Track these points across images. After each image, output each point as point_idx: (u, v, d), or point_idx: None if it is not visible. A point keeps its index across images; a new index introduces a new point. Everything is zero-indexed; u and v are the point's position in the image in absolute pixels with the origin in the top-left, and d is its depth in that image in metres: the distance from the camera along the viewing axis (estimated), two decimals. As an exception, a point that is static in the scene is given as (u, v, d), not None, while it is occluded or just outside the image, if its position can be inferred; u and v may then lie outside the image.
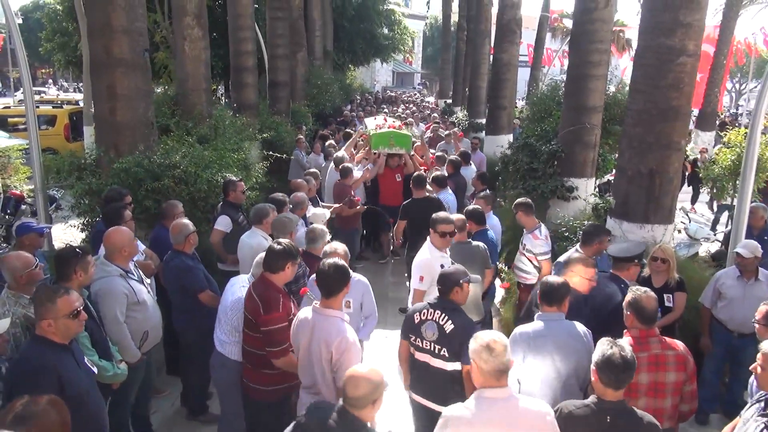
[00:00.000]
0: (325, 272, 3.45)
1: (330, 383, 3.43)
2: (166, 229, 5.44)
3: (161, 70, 15.48)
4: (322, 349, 3.38)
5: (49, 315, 3.07)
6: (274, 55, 14.50)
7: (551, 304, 3.71)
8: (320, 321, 3.44)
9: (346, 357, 3.32)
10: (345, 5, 24.95)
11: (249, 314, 3.81)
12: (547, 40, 28.59)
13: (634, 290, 3.65)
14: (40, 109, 17.14)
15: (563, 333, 3.65)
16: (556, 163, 8.84)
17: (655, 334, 3.56)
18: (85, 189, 6.27)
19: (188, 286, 4.72)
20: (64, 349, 3.16)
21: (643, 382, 3.46)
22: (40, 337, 3.11)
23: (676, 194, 6.40)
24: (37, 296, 3.16)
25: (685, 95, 6.02)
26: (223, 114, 9.74)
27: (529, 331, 3.68)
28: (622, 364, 2.86)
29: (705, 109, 19.48)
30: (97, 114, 6.93)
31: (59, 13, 20.48)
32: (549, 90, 11.65)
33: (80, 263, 3.77)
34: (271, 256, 3.83)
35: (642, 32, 6.27)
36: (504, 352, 2.84)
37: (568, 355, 3.58)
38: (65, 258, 3.77)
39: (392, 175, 9.19)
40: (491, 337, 2.89)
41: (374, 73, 46.23)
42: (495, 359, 2.82)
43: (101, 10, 6.46)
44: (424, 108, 24.13)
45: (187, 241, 4.78)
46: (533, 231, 6.11)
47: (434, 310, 3.88)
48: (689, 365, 3.52)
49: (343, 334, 3.37)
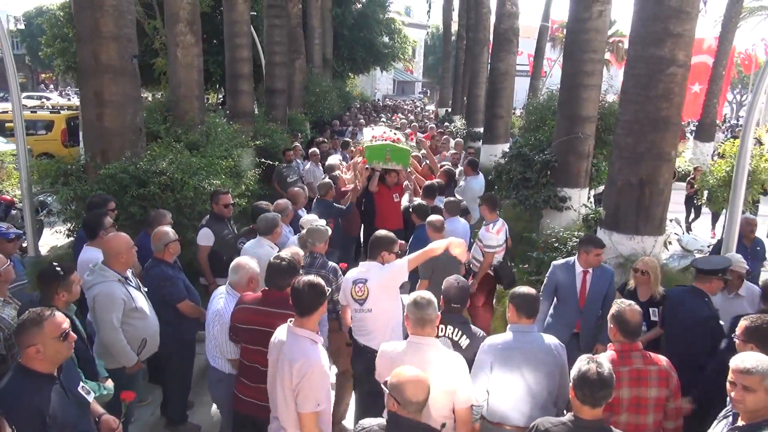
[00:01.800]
0: (299, 290, 3.21)
1: (292, 409, 3.14)
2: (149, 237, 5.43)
3: (160, 76, 15.50)
4: (285, 370, 3.12)
5: (37, 340, 2.79)
6: (271, 62, 14.50)
7: (530, 316, 3.65)
8: (290, 340, 3.20)
9: (306, 383, 3.04)
10: (345, 14, 25.02)
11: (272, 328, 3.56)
12: (548, 49, 28.61)
13: (619, 303, 3.60)
14: (38, 114, 17.24)
15: (532, 345, 3.58)
16: (550, 173, 8.79)
17: (638, 348, 3.49)
18: (70, 195, 6.23)
19: (167, 295, 4.63)
20: (50, 380, 2.88)
21: (624, 397, 3.39)
22: (23, 367, 2.83)
23: (667, 205, 6.34)
24: (21, 323, 2.85)
25: (676, 105, 5.98)
26: (215, 121, 9.71)
27: (498, 343, 3.61)
28: (598, 381, 2.77)
29: (704, 120, 19.45)
30: (85, 120, 6.93)
31: (60, 19, 20.56)
32: (545, 99, 11.62)
33: (62, 285, 3.63)
34: (278, 273, 3.73)
35: (632, 42, 6.23)
36: (427, 306, 3.31)
37: (537, 368, 3.50)
38: (46, 280, 3.65)
39: (389, 194, 8.08)
40: (419, 294, 3.37)
41: (375, 81, 46.37)
42: (419, 311, 3.30)
43: (90, 16, 6.45)
44: (423, 117, 24.06)
45: (166, 250, 4.67)
46: (488, 224, 6.34)
47: (445, 326, 3.76)
48: (672, 381, 3.45)
49: (306, 356, 3.09)
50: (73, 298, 3.75)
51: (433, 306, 3.34)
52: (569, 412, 2.94)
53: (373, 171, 8.00)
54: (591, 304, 4.99)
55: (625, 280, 6.03)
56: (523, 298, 3.67)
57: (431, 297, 3.37)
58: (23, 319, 2.86)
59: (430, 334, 3.34)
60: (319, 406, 3.08)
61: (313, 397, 3.06)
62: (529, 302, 3.66)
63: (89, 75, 6.63)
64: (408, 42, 31.22)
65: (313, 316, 3.24)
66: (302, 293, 3.20)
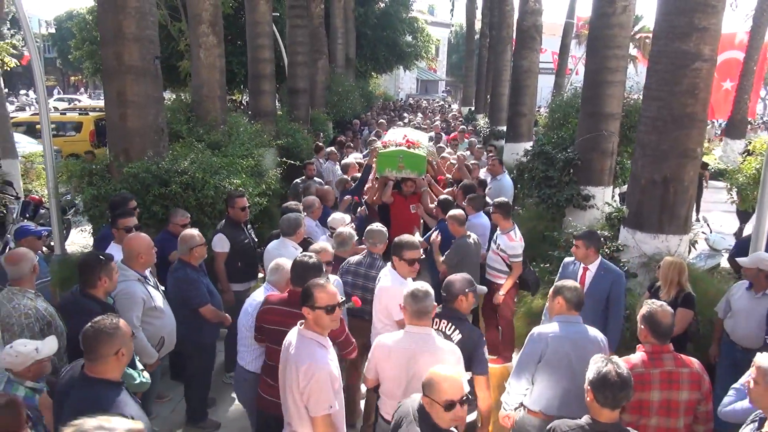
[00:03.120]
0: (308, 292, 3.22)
1: (302, 413, 3.14)
2: (169, 234, 5.51)
3: (186, 77, 15.70)
4: (293, 372, 3.13)
5: (123, 342, 2.80)
6: (293, 62, 14.58)
7: (578, 309, 3.75)
8: (299, 343, 3.20)
9: (314, 385, 3.04)
10: (367, 13, 25.06)
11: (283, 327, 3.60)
12: (573, 46, 28.21)
13: (650, 303, 3.57)
14: (67, 116, 17.63)
15: (579, 335, 3.67)
16: (573, 171, 8.67)
17: (669, 350, 3.44)
18: (93, 194, 6.33)
19: (190, 299, 4.64)
20: (120, 385, 2.88)
21: (655, 400, 3.33)
22: (96, 379, 2.78)
23: (692, 203, 6.20)
24: (101, 330, 2.78)
25: (701, 101, 5.84)
26: (237, 120, 9.78)
27: (548, 332, 3.68)
28: (619, 382, 2.72)
29: (734, 117, 18.97)
30: (109, 120, 7.02)
31: (88, 22, 21.00)
32: (568, 97, 11.47)
33: (104, 270, 3.82)
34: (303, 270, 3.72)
35: (656, 37, 6.11)
36: (425, 298, 3.39)
37: (584, 358, 3.46)
38: (89, 265, 3.82)
39: (406, 205, 7.42)
40: (416, 286, 3.45)
41: (398, 80, 46.32)
42: (417, 303, 3.38)
43: (112, 18, 6.53)
44: (449, 117, 23.83)
45: (192, 254, 4.69)
46: (508, 232, 6.05)
47: (440, 320, 3.78)
48: (704, 384, 3.38)
49: (313, 358, 3.08)
50: (112, 287, 3.92)
51: (430, 298, 3.43)
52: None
53: (386, 180, 7.43)
54: (588, 303, 4.90)
55: (650, 279, 5.93)
56: (573, 292, 3.74)
57: (429, 289, 3.46)
58: (98, 327, 2.79)
59: (426, 324, 3.43)
60: (332, 408, 3.08)
61: (324, 399, 3.05)
62: (578, 295, 3.74)
63: (112, 76, 6.72)
64: (431, 41, 31.12)
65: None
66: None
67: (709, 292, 5.62)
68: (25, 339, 3.56)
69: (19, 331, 3.77)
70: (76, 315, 3.67)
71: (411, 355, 3.35)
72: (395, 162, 7.31)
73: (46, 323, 3.94)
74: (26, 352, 3.35)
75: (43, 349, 3.38)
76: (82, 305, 3.77)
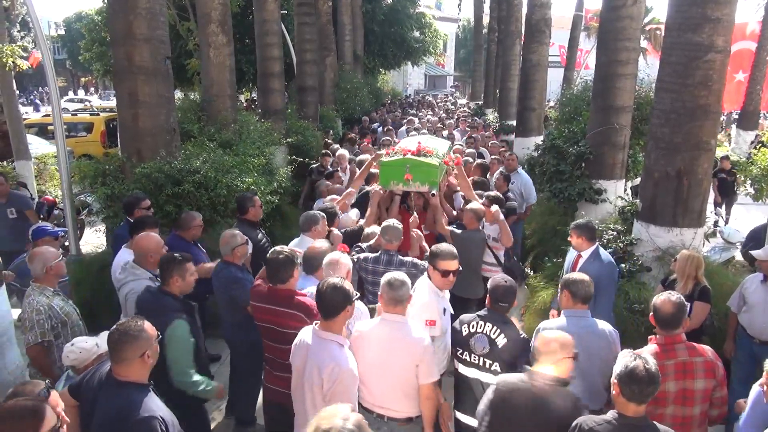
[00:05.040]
0: (323, 293, 3.20)
1: None
2: (179, 238, 5.51)
3: (194, 77, 15.76)
4: (314, 374, 3.14)
5: (147, 345, 2.84)
6: (302, 60, 14.60)
7: (585, 301, 3.74)
8: (316, 344, 3.21)
9: (339, 387, 3.06)
10: (375, 9, 24.98)
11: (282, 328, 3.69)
12: (582, 39, 28.00)
13: (659, 294, 3.60)
14: (78, 117, 17.75)
15: (587, 330, 3.65)
16: (584, 165, 8.62)
17: (681, 340, 3.44)
18: (107, 194, 6.38)
19: (237, 297, 4.60)
20: (149, 387, 2.90)
21: (670, 390, 3.34)
22: (124, 382, 2.81)
23: (706, 197, 6.14)
24: (125, 333, 2.82)
25: (714, 93, 5.77)
26: (248, 119, 9.82)
27: (554, 327, 3.65)
28: (647, 377, 2.71)
29: (746, 108, 18.77)
30: (121, 120, 7.07)
31: (97, 24, 21.13)
32: (579, 90, 11.40)
33: (177, 269, 3.87)
34: (278, 267, 3.76)
35: (668, 28, 6.05)
36: (401, 287, 3.44)
37: (592, 352, 3.56)
38: (164, 263, 3.94)
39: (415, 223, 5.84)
40: (393, 275, 3.50)
41: (406, 76, 46.18)
42: (393, 291, 3.43)
43: (123, 19, 6.57)
44: (454, 113, 23.70)
45: (234, 253, 4.71)
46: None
47: (484, 323, 3.70)
48: (719, 372, 3.40)
49: (336, 360, 3.10)
50: (187, 287, 3.94)
51: (406, 287, 3.48)
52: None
53: (392, 195, 6.16)
54: None
55: (664, 273, 5.89)
56: (577, 285, 3.72)
57: (405, 278, 3.51)
58: (123, 330, 2.82)
59: (400, 312, 3.49)
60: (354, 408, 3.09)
61: (348, 399, 3.03)
62: (585, 288, 3.71)
63: (123, 76, 6.76)
64: (439, 36, 30.95)
65: (338, 319, 3.22)
66: (325, 296, 3.19)
67: (724, 286, 5.58)
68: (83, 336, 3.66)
69: (30, 326, 3.88)
70: (153, 311, 3.72)
71: (386, 342, 3.41)
72: (401, 173, 5.90)
73: (60, 321, 4.01)
74: (89, 347, 3.46)
75: (103, 345, 3.40)
76: (159, 301, 3.86)
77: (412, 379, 3.39)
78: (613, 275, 4.96)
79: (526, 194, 8.60)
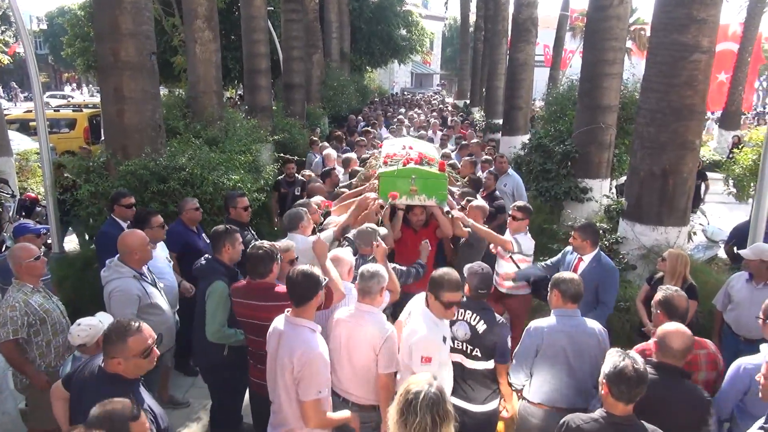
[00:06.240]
0: (293, 280, 3.24)
1: (293, 398, 3.18)
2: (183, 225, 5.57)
3: (180, 73, 15.62)
4: (285, 359, 3.16)
5: (119, 354, 2.84)
6: (289, 57, 14.53)
7: (575, 301, 3.74)
8: (288, 330, 3.24)
9: (308, 371, 3.08)
10: (362, 7, 24.96)
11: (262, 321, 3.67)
12: (568, 39, 28.20)
13: (665, 289, 3.69)
14: (61, 113, 17.48)
15: (576, 329, 3.67)
16: (570, 164, 8.68)
17: None
18: (91, 191, 6.29)
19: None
20: (137, 381, 2.94)
21: None
22: (111, 374, 2.85)
23: (691, 195, 6.22)
24: (109, 334, 2.88)
25: (700, 93, 5.85)
26: (234, 116, 9.74)
27: (544, 326, 3.70)
28: (636, 377, 2.72)
29: (729, 108, 19.04)
30: (105, 116, 6.97)
31: (80, 18, 20.88)
32: (565, 89, 11.47)
33: (228, 238, 4.31)
34: (257, 261, 3.80)
35: (654, 29, 6.11)
36: (370, 279, 3.54)
37: (581, 351, 3.60)
38: (216, 234, 4.36)
39: (416, 241, 5.29)
40: (366, 267, 3.60)
41: (393, 74, 46.19)
42: (363, 282, 3.55)
43: (108, 14, 6.48)
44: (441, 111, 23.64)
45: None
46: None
47: (464, 310, 3.80)
48: (720, 364, 3.51)
49: (307, 344, 3.14)
50: (236, 255, 4.36)
51: (377, 279, 3.57)
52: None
53: (394, 210, 5.49)
54: None
55: (649, 271, 5.95)
56: (569, 284, 3.73)
57: (377, 270, 3.60)
58: (110, 332, 2.87)
59: (370, 303, 3.58)
60: (321, 394, 3.12)
61: (315, 384, 3.09)
62: (575, 288, 3.71)
63: (108, 72, 6.67)
64: (425, 34, 31.03)
65: (309, 306, 3.27)
66: (296, 283, 3.23)
67: (708, 284, 5.64)
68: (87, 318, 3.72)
69: (2, 322, 3.84)
70: (205, 274, 4.22)
71: (353, 330, 3.54)
72: (406, 185, 5.31)
73: (38, 318, 3.96)
74: (95, 323, 3.62)
75: (105, 321, 3.55)
76: (211, 266, 4.26)
77: (373, 368, 3.50)
78: (615, 282, 4.92)
79: (518, 196, 8.47)
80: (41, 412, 4.09)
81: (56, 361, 4.09)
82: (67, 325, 4.10)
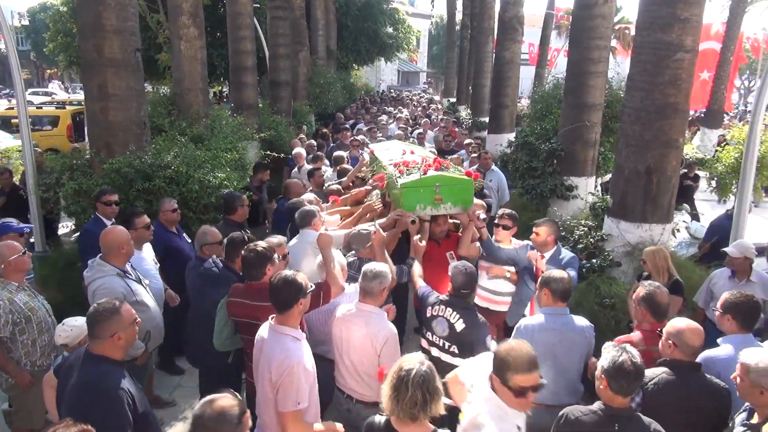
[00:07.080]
0: (274, 286, 3.17)
1: (271, 407, 3.09)
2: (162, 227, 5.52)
3: (165, 70, 15.45)
4: (265, 367, 3.10)
5: (118, 328, 2.91)
6: (275, 54, 14.44)
7: (564, 299, 3.81)
8: (271, 338, 3.17)
9: (287, 379, 2.98)
10: (348, 4, 24.86)
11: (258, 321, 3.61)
12: (553, 37, 28.33)
13: (647, 285, 3.77)
14: (44, 110, 17.27)
15: (565, 327, 3.73)
16: (556, 162, 8.74)
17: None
18: (75, 189, 6.22)
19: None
20: (122, 366, 2.99)
21: None
22: (98, 356, 2.91)
23: (675, 193, 6.29)
24: (96, 316, 2.93)
25: (683, 92, 5.91)
26: (220, 113, 9.68)
27: (534, 324, 3.76)
28: (634, 371, 2.79)
29: (712, 107, 19.25)
30: (89, 114, 6.89)
31: (63, 14, 20.58)
32: (550, 88, 11.54)
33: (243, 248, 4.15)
34: (250, 265, 3.79)
35: (639, 28, 6.17)
36: (372, 279, 3.62)
37: (570, 348, 3.67)
38: (231, 242, 4.42)
39: (440, 253, 5.09)
40: (368, 268, 3.69)
41: (379, 72, 46.11)
42: (364, 282, 3.63)
43: (92, 10, 6.41)
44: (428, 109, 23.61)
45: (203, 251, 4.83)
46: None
47: (446, 307, 3.83)
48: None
49: (286, 353, 3.04)
50: None
51: (378, 279, 3.64)
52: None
53: (421, 222, 4.98)
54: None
55: (633, 268, 6.01)
56: (558, 283, 3.79)
57: (380, 271, 3.67)
58: (98, 309, 2.95)
59: (370, 302, 3.66)
60: (299, 405, 3.00)
61: (294, 394, 2.98)
62: (564, 286, 3.78)
63: (93, 69, 6.60)
64: (412, 32, 30.93)
65: (292, 312, 3.19)
66: (277, 289, 3.17)
67: (691, 280, 5.70)
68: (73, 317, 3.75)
69: None
70: (217, 281, 4.28)
71: (354, 329, 3.61)
72: (430, 195, 4.92)
73: (23, 317, 3.95)
74: (79, 324, 3.60)
75: None
76: (224, 274, 4.34)
77: (373, 363, 3.52)
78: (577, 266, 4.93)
79: (501, 191, 8.67)
80: (26, 412, 4.07)
81: (42, 359, 4.06)
82: (53, 324, 4.07)
